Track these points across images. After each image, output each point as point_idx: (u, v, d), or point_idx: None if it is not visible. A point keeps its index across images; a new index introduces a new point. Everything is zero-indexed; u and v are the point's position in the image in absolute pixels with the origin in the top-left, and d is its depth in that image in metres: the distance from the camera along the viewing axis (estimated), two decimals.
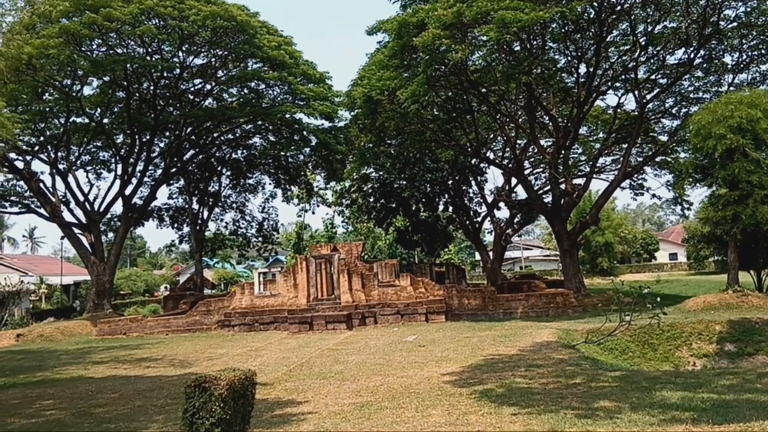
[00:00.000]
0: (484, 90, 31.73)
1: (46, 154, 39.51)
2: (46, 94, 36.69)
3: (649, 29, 29.72)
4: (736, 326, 20.22)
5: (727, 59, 31.58)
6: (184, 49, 36.16)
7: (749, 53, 30.55)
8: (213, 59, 38.16)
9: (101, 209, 41.17)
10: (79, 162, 42.19)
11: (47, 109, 36.51)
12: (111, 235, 44.36)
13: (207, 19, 32.41)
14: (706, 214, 28.37)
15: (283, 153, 44.24)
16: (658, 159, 36.90)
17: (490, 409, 9.97)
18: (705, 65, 31.59)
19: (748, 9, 27.69)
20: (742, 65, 31.12)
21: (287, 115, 38.75)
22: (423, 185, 43.58)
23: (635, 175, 38.11)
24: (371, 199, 45.58)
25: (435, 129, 34.97)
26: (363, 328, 27.41)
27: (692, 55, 30.13)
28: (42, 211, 39.33)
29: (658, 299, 18.66)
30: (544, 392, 11.17)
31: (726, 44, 30.25)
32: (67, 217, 39.95)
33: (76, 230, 39.63)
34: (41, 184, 38.86)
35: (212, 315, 31.02)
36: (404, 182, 43.58)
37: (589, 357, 16.12)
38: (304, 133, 40.61)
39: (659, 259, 76.64)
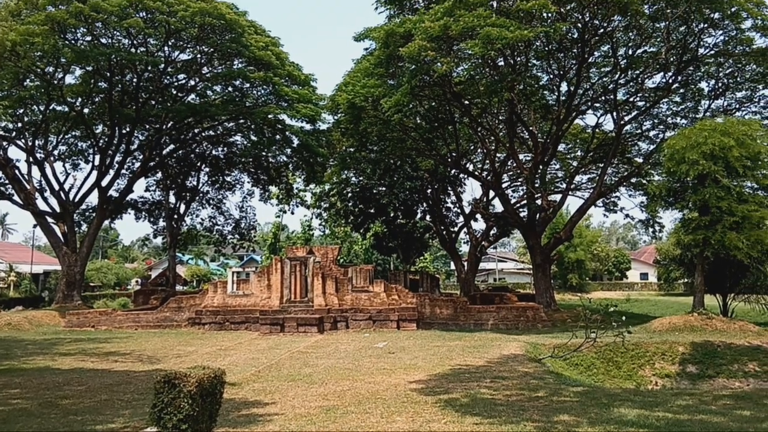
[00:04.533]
0: (466, 102, 32.15)
1: (23, 140, 38.99)
2: (28, 80, 36.19)
3: (629, 53, 30.39)
4: (699, 348, 20.71)
5: (704, 86, 32.48)
6: (170, 43, 36.01)
7: (725, 81, 31.43)
8: (199, 55, 38.02)
9: (76, 199, 40.69)
10: (56, 152, 41.67)
11: (28, 95, 36.01)
12: (85, 227, 43.81)
13: (195, 16, 32.32)
14: (678, 237, 29.01)
15: (264, 153, 44.15)
16: (633, 180, 37.66)
17: (453, 418, 10.20)
18: (682, 90, 32.41)
19: (726, 38, 28.46)
20: (718, 92, 32.02)
21: (270, 116, 38.70)
22: (402, 192, 43.93)
23: (610, 194, 38.77)
24: (350, 204, 45.78)
25: (417, 137, 35.35)
26: (334, 332, 27.53)
27: (670, 80, 30.89)
28: (16, 198, 38.80)
29: (624, 318, 19.05)
30: (507, 404, 11.43)
31: (703, 71, 31.09)
32: (41, 205, 39.40)
33: (49, 219, 39.09)
34: (17, 171, 38.38)
35: (183, 312, 30.92)
36: (384, 188, 43.90)
37: (554, 372, 16.44)
38: (287, 133, 40.53)
39: (630, 278, 77.63)
